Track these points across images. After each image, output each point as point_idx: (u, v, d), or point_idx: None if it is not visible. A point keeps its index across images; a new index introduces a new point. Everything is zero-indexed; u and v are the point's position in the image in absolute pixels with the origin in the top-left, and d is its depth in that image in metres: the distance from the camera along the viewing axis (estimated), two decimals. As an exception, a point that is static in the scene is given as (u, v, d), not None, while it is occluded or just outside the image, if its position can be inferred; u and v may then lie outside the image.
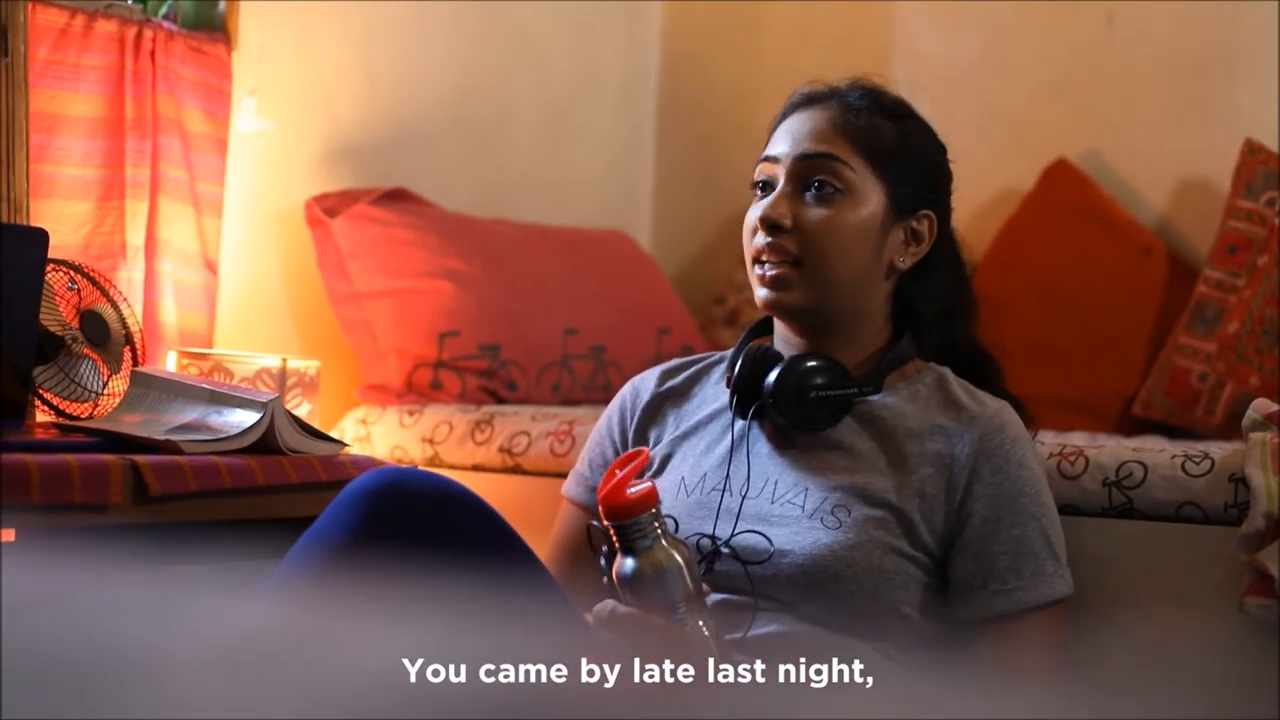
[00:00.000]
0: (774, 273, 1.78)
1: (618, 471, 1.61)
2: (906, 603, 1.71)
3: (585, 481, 1.98)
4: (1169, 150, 3.38)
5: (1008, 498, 1.73)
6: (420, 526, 1.64)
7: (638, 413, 1.95)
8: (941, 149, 1.89)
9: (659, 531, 1.60)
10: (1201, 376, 3.00)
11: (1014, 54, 3.62)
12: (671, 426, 1.92)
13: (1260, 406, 1.93)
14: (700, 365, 1.98)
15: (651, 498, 1.58)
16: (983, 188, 3.50)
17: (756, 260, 1.81)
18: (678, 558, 1.59)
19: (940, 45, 3.69)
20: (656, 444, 1.92)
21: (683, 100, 4.01)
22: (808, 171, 1.79)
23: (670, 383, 1.96)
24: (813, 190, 1.78)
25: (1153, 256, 3.23)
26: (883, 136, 1.81)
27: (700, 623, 1.59)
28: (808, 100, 1.86)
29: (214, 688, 0.64)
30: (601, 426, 1.99)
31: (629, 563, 1.59)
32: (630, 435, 1.95)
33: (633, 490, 1.59)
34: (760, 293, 1.80)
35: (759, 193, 1.84)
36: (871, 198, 1.79)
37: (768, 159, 1.83)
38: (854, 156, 1.79)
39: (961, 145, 1.90)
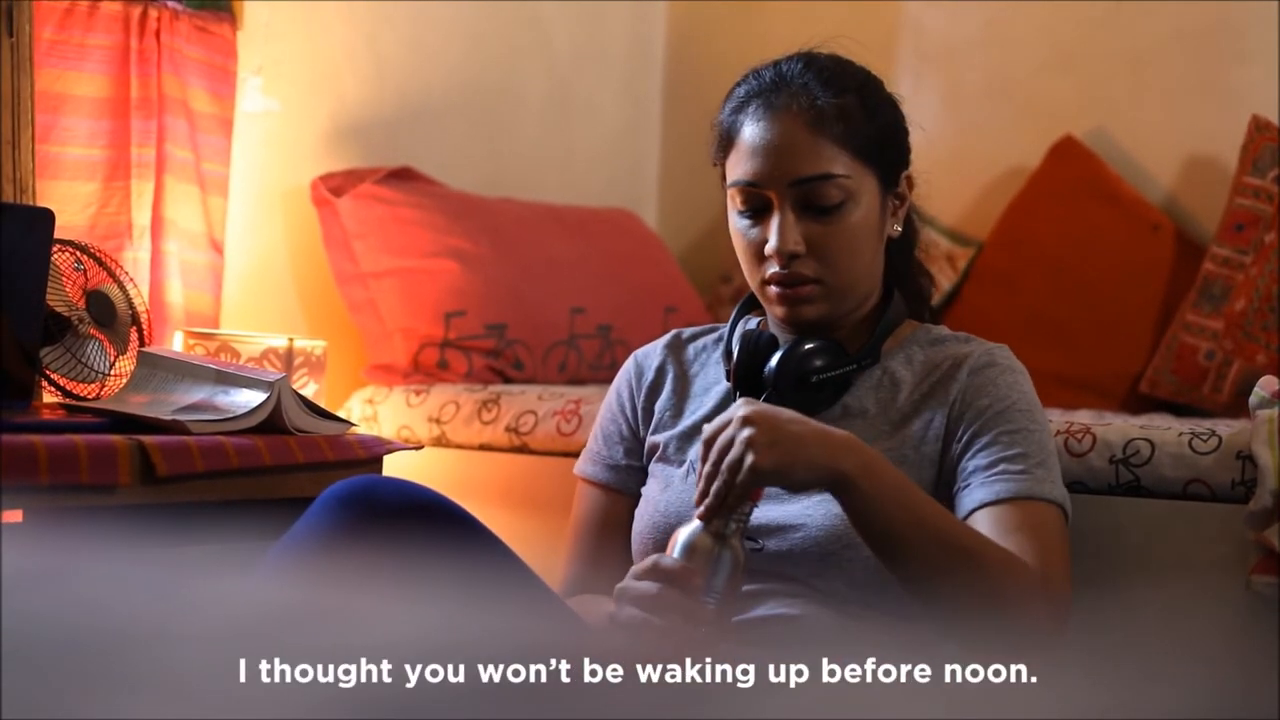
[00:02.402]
0: (795, 295, 1.77)
1: None
2: None
3: (602, 460, 1.95)
4: (1176, 127, 3.38)
5: (996, 413, 1.72)
6: (394, 534, 1.64)
7: (643, 389, 1.94)
8: (895, 103, 1.85)
9: (741, 527, 1.60)
10: (1209, 354, 2.99)
11: (1020, 30, 3.61)
12: (676, 406, 1.91)
13: (1267, 384, 1.93)
14: (702, 340, 1.97)
15: (757, 496, 1.59)
16: (990, 165, 3.50)
17: (769, 283, 1.78)
18: (740, 556, 1.59)
19: (946, 21, 3.68)
20: (661, 420, 1.91)
21: (688, 77, 4.00)
22: (805, 194, 1.74)
23: (673, 359, 1.95)
24: (815, 207, 1.75)
25: (1160, 234, 3.23)
26: (855, 119, 1.76)
27: (718, 620, 1.59)
28: (765, 98, 1.79)
29: (216, 662, 0.64)
30: (611, 403, 1.97)
31: (697, 529, 1.59)
32: (639, 409, 1.94)
33: None
34: (779, 310, 1.79)
35: (743, 207, 1.79)
36: (868, 189, 1.77)
37: (753, 185, 1.76)
38: (841, 157, 1.75)
39: (968, 122, 1.90)
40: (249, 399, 2.02)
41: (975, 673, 0.81)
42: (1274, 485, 1.82)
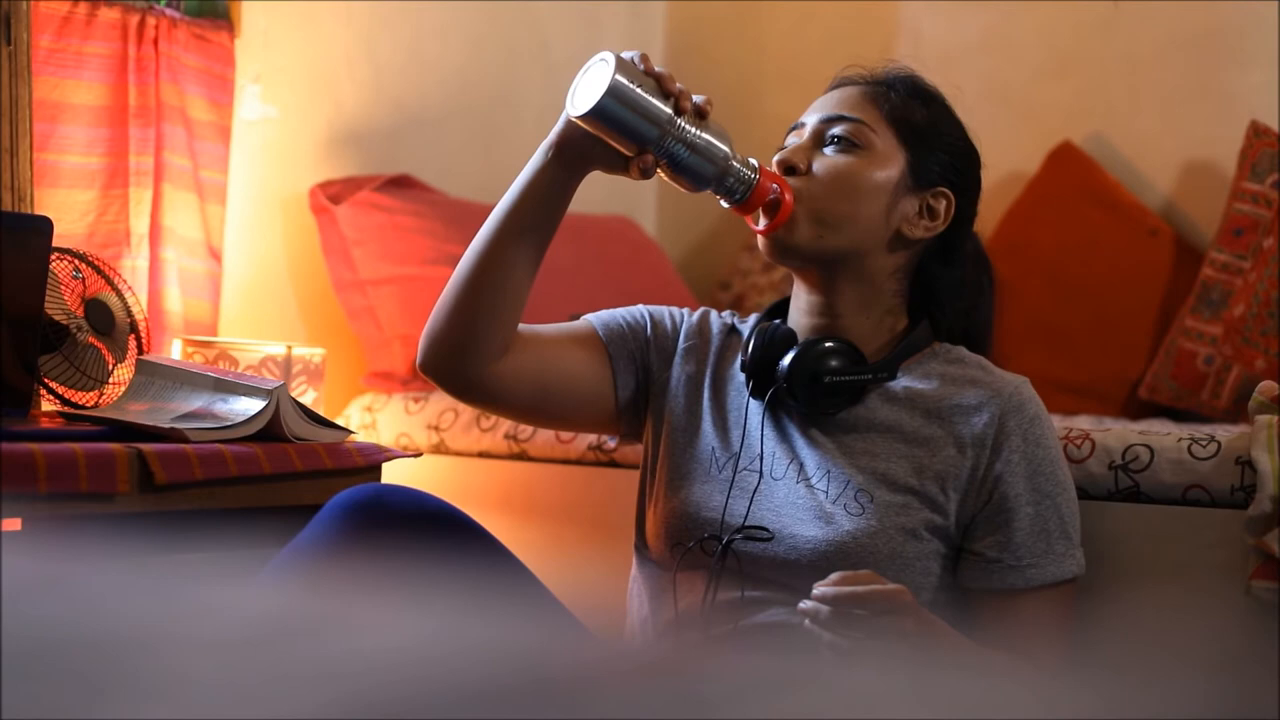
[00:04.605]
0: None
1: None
2: (924, 587, 1.71)
3: (612, 328, 1.91)
4: (1174, 132, 3.38)
5: (1026, 477, 1.73)
6: (401, 542, 1.64)
7: (681, 346, 1.90)
8: (973, 148, 1.89)
9: (741, 170, 1.72)
10: (1207, 359, 2.99)
11: (1017, 36, 3.61)
12: (700, 382, 1.89)
13: (1266, 389, 1.93)
14: (743, 333, 1.93)
15: (764, 188, 1.73)
16: (987, 171, 3.47)
17: None
18: (727, 161, 1.72)
19: (944, 27, 3.68)
20: (676, 383, 1.88)
21: (687, 82, 3.99)
22: (828, 130, 1.80)
23: (719, 341, 1.92)
24: (832, 145, 1.79)
25: (1158, 239, 3.23)
26: (913, 113, 1.82)
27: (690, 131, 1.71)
28: (843, 81, 1.87)
29: (219, 668, 0.64)
30: (662, 315, 1.94)
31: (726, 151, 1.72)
32: (670, 350, 1.90)
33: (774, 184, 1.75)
34: (762, 240, 1.80)
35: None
36: (891, 161, 1.79)
37: (796, 127, 1.84)
38: (880, 123, 1.80)
39: (966, 127, 1.90)
40: (247, 407, 2.02)
41: (974, 676, 0.81)
42: (1273, 490, 1.82)
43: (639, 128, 1.67)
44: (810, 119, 1.83)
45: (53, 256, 2.11)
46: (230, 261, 2.92)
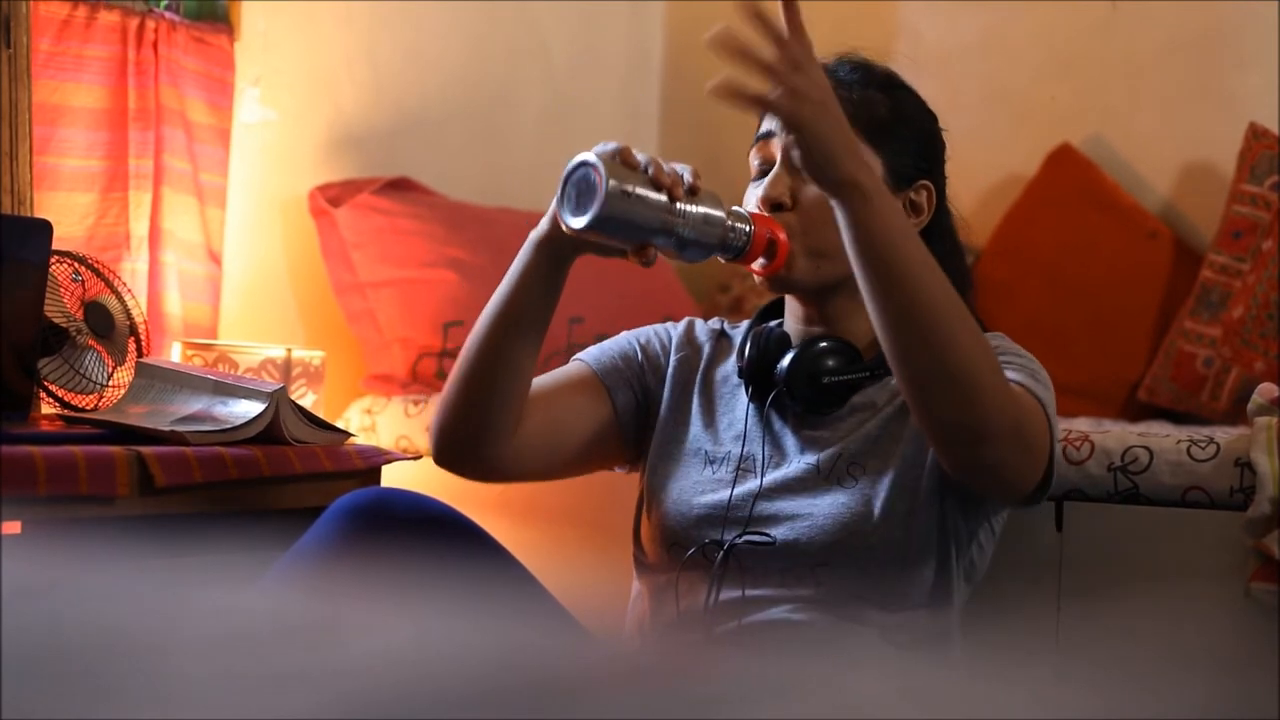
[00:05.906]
0: None
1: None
2: (932, 529, 1.70)
3: (605, 363, 1.92)
4: (1173, 134, 3.38)
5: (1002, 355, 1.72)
6: (403, 545, 1.65)
7: (674, 359, 1.91)
8: (933, 118, 1.87)
9: (729, 236, 1.70)
10: (1207, 361, 2.99)
11: (1016, 38, 3.61)
12: (690, 389, 1.89)
13: (1265, 391, 1.93)
14: (732, 338, 1.94)
15: (760, 240, 1.71)
16: (986, 173, 3.50)
17: None
18: (722, 224, 1.69)
19: (943, 29, 3.68)
20: (669, 396, 1.89)
21: (686, 87, 4.00)
22: None
23: (709, 347, 1.93)
24: None
25: (1157, 241, 3.23)
26: (876, 109, 1.79)
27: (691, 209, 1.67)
28: None
29: (221, 670, 0.64)
30: (649, 337, 1.95)
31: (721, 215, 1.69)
32: (664, 368, 1.91)
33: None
34: (761, 279, 1.80)
35: (754, 170, 1.83)
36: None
37: (761, 138, 1.82)
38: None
39: (965, 130, 1.90)
40: (247, 409, 2.02)
41: (974, 679, 0.81)
42: (1273, 492, 1.82)
43: (640, 225, 1.65)
44: (774, 128, 1.79)
45: (52, 259, 2.11)
46: (230, 264, 2.92)
